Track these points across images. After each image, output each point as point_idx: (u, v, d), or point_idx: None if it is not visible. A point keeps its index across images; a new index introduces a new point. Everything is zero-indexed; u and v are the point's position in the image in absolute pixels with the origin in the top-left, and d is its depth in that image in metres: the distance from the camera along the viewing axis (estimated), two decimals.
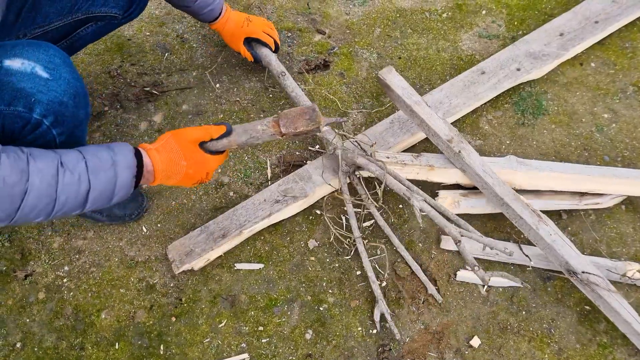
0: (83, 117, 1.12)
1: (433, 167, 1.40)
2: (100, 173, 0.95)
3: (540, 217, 1.31)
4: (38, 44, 1.04)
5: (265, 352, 1.33)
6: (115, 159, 0.97)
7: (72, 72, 1.07)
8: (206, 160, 1.09)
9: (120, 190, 0.99)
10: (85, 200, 0.95)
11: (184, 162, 1.05)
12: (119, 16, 1.38)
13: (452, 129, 1.39)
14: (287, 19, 1.90)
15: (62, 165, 0.91)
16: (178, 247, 1.40)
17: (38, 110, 1.01)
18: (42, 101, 1.01)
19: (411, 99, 1.42)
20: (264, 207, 1.44)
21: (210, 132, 1.08)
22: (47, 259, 1.46)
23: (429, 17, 1.89)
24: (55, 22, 1.28)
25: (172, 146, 1.05)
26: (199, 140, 1.08)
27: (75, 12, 1.30)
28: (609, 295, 1.24)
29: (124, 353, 1.34)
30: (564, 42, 1.68)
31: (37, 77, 1.00)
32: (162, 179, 1.06)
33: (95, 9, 1.33)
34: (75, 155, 0.95)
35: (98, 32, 1.43)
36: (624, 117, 1.63)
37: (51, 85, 1.02)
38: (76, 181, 0.92)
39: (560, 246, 1.28)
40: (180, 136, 1.06)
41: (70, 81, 1.05)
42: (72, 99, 1.06)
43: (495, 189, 1.34)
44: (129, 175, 0.98)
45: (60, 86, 1.03)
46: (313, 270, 1.43)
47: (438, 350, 1.32)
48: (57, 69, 1.03)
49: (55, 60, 1.04)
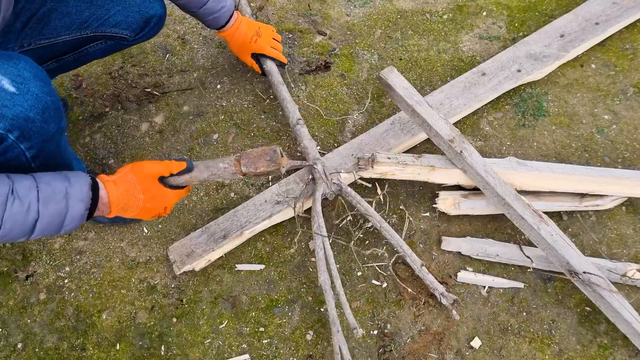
0: (54, 132, 1.08)
1: (434, 168, 1.40)
2: (50, 204, 0.93)
3: (541, 218, 1.31)
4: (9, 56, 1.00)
5: (266, 353, 1.33)
6: (69, 190, 0.96)
7: (43, 87, 1.03)
8: (165, 195, 1.08)
9: (70, 222, 0.97)
10: (32, 229, 0.93)
11: (141, 196, 1.04)
12: (129, 38, 1.39)
13: (453, 129, 1.39)
14: (288, 20, 1.90)
15: (13, 192, 0.90)
16: (179, 248, 1.41)
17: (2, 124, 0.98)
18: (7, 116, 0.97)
19: (412, 99, 1.42)
20: (265, 208, 1.44)
21: (170, 168, 1.08)
22: (48, 260, 1.47)
23: (429, 18, 1.90)
24: (63, 36, 1.28)
25: (130, 179, 1.04)
26: (158, 175, 1.07)
27: (85, 29, 1.30)
28: (610, 295, 1.24)
29: (125, 354, 1.34)
30: (564, 44, 1.68)
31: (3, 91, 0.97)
32: (118, 211, 1.05)
33: (106, 28, 1.33)
34: (29, 184, 0.93)
35: (107, 50, 1.42)
36: (624, 119, 1.63)
37: (17, 100, 0.98)
38: (25, 210, 0.91)
39: (562, 246, 1.28)
40: (140, 170, 1.05)
41: (39, 95, 1.01)
42: (40, 114, 1.02)
43: (496, 189, 1.34)
44: (81, 208, 0.97)
45: (27, 101, 0.99)
46: (313, 272, 1.44)
47: (439, 351, 1.32)
48: (25, 83, 0.99)
49: (25, 74, 1.00)
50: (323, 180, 1.37)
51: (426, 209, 1.51)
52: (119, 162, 1.62)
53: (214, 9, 1.46)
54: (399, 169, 1.39)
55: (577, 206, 1.43)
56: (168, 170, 1.08)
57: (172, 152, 1.63)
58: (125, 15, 1.33)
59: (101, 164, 1.62)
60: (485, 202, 1.43)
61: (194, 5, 1.43)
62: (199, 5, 1.43)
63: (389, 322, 1.36)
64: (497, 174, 1.36)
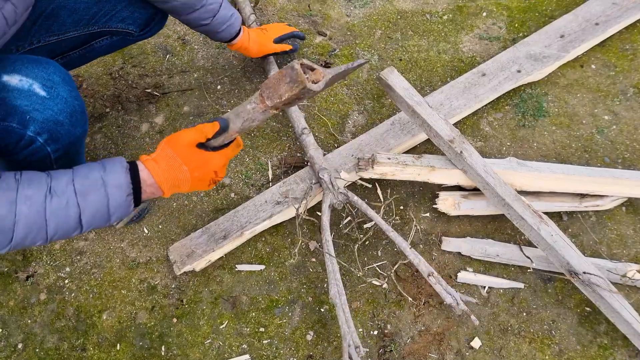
0: (79, 135, 1.10)
1: (434, 168, 1.40)
2: (89, 195, 0.91)
3: (541, 218, 1.31)
4: (38, 61, 1.02)
5: (266, 353, 1.33)
6: (104, 178, 0.93)
7: (71, 91, 1.05)
8: (209, 160, 1.02)
9: (116, 210, 0.94)
10: (79, 222, 0.92)
11: (185, 167, 0.99)
12: (134, 33, 1.39)
13: (453, 129, 1.39)
14: (288, 21, 1.91)
15: (50, 191, 0.89)
16: (179, 249, 1.41)
17: (32, 127, 1.00)
18: (37, 119, 0.99)
19: (413, 99, 1.42)
20: (265, 208, 1.44)
21: (205, 132, 1.00)
22: (49, 260, 1.47)
23: (429, 19, 1.90)
24: (70, 32, 1.28)
25: (169, 153, 0.99)
26: (194, 142, 1.00)
27: (92, 25, 1.30)
28: (610, 296, 1.24)
29: (125, 354, 1.34)
30: (564, 44, 1.68)
31: (34, 95, 0.99)
32: (170, 189, 1.00)
33: (113, 24, 1.33)
34: (66, 179, 0.92)
35: (112, 45, 1.42)
36: (624, 119, 1.63)
37: (48, 104, 1.00)
38: (64, 206, 0.89)
39: (562, 247, 1.28)
40: (175, 142, 1.00)
41: (68, 100, 1.04)
42: (68, 118, 1.04)
43: (497, 189, 1.34)
44: (121, 194, 0.93)
45: (57, 105, 1.02)
46: (314, 272, 1.44)
47: (439, 351, 1.32)
48: (55, 87, 1.01)
49: (54, 78, 1.02)
50: (330, 190, 1.37)
51: (426, 209, 1.51)
52: None
53: (226, 17, 1.41)
54: (399, 169, 1.39)
55: (577, 206, 1.44)
56: (203, 135, 1.00)
57: None
58: (131, 11, 1.33)
59: None
60: (485, 203, 1.43)
61: (207, 16, 1.37)
62: (212, 14, 1.38)
63: (389, 322, 1.36)
64: (497, 175, 1.36)
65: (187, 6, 1.33)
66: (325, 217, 1.34)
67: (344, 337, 1.20)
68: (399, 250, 1.45)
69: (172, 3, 1.31)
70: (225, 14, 1.41)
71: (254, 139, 1.65)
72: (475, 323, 1.28)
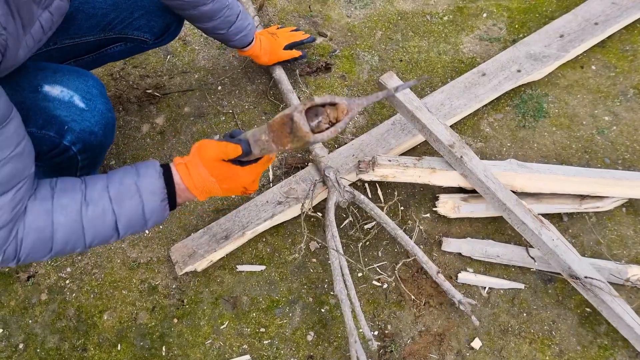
0: (108, 145, 1.15)
1: (435, 170, 1.40)
2: (124, 202, 0.91)
3: (542, 223, 1.32)
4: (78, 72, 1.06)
5: (266, 354, 1.34)
6: (138, 184, 0.92)
7: (107, 104, 1.09)
8: (235, 174, 0.98)
9: (152, 215, 0.94)
10: (115, 229, 0.92)
11: (213, 179, 0.97)
12: (149, 41, 1.40)
13: (453, 134, 1.40)
14: (288, 22, 1.91)
15: (86, 198, 0.89)
16: (181, 249, 1.41)
17: (69, 137, 1.03)
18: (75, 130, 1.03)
19: (412, 104, 1.43)
20: (267, 208, 1.44)
21: (227, 152, 0.95)
22: (50, 261, 1.47)
23: (430, 20, 1.90)
24: (87, 37, 1.29)
25: (197, 162, 0.96)
26: (218, 158, 0.96)
27: (109, 30, 1.32)
28: (612, 300, 1.24)
29: (126, 354, 1.34)
30: (564, 44, 1.69)
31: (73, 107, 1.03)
32: (202, 194, 0.98)
33: (129, 31, 1.34)
34: (100, 186, 0.91)
35: (126, 51, 1.43)
36: (624, 120, 1.63)
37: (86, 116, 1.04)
38: (100, 214, 0.89)
39: (563, 251, 1.28)
40: (203, 152, 0.96)
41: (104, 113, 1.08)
42: (102, 130, 1.08)
43: (497, 194, 1.34)
44: (156, 200, 0.93)
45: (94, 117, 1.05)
46: (314, 272, 1.44)
47: (439, 352, 1.32)
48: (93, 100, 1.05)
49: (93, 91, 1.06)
50: (336, 188, 1.37)
51: (426, 209, 1.51)
52: (120, 163, 1.62)
53: (242, 27, 1.42)
54: (399, 171, 1.39)
55: (577, 208, 1.44)
56: (225, 154, 0.95)
57: (173, 153, 1.64)
58: (147, 20, 1.34)
59: (102, 165, 1.62)
60: (485, 206, 1.44)
61: (224, 26, 1.38)
62: (229, 24, 1.38)
63: (390, 322, 1.36)
64: (498, 180, 1.36)
65: (206, 17, 1.33)
66: (331, 214, 1.34)
67: (350, 333, 1.21)
68: (399, 250, 1.45)
69: (191, 11, 1.30)
70: (242, 24, 1.42)
71: None
72: (476, 323, 1.28)
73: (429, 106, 1.57)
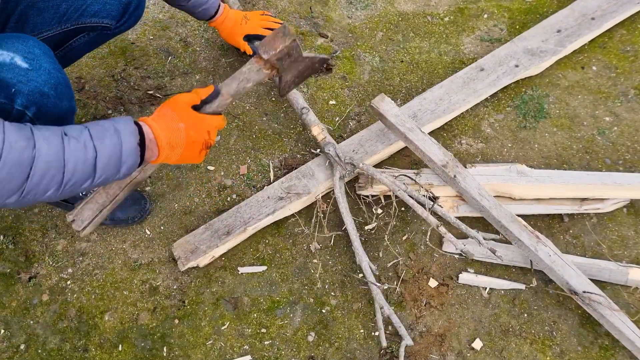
0: (66, 109, 1.10)
1: (432, 185, 1.44)
2: (105, 139, 0.92)
3: (538, 238, 1.32)
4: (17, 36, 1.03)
5: (267, 354, 1.34)
6: (116, 126, 0.94)
7: (53, 63, 1.05)
8: (202, 119, 1.06)
9: (127, 157, 0.95)
10: (93, 168, 0.91)
11: (182, 124, 1.01)
12: (111, 26, 1.36)
13: (446, 153, 1.41)
14: (289, 22, 1.91)
15: (66, 134, 0.88)
16: (183, 245, 1.42)
17: (19, 100, 1.00)
18: (23, 91, 1.00)
19: (404, 126, 1.44)
20: (268, 204, 1.45)
21: (199, 94, 1.07)
22: (51, 261, 1.47)
23: (431, 20, 1.90)
24: (44, 32, 1.26)
25: (166, 112, 1.02)
26: (190, 104, 1.05)
27: (65, 22, 1.28)
28: (612, 314, 1.24)
29: (127, 355, 1.35)
30: (561, 39, 1.69)
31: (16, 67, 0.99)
32: (166, 149, 1.01)
33: (86, 19, 1.30)
34: (78, 127, 0.92)
35: (92, 42, 1.40)
36: (625, 121, 1.63)
37: (31, 75, 1.00)
38: (82, 147, 0.89)
39: (560, 267, 1.29)
40: (174, 102, 1.04)
41: (51, 71, 1.04)
42: (53, 90, 1.05)
43: (492, 212, 1.35)
44: (133, 141, 0.95)
45: (41, 76, 1.02)
46: (315, 273, 1.44)
47: (440, 352, 1.32)
48: (36, 59, 1.02)
49: (35, 50, 1.02)
50: (337, 162, 1.41)
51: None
52: None
53: (202, 2, 1.51)
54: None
55: (577, 210, 1.44)
56: (198, 97, 1.07)
57: None
58: (102, 3, 1.30)
59: None
60: None
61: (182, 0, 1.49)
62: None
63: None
64: (492, 197, 1.38)
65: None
66: (338, 189, 1.40)
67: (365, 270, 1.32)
68: (400, 251, 1.45)
69: None
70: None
71: (255, 141, 1.65)
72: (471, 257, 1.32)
73: (428, 101, 1.58)
